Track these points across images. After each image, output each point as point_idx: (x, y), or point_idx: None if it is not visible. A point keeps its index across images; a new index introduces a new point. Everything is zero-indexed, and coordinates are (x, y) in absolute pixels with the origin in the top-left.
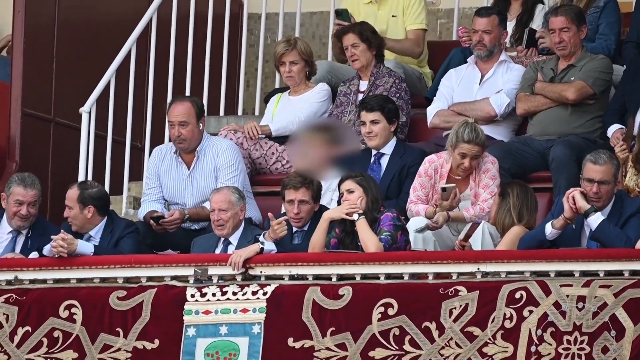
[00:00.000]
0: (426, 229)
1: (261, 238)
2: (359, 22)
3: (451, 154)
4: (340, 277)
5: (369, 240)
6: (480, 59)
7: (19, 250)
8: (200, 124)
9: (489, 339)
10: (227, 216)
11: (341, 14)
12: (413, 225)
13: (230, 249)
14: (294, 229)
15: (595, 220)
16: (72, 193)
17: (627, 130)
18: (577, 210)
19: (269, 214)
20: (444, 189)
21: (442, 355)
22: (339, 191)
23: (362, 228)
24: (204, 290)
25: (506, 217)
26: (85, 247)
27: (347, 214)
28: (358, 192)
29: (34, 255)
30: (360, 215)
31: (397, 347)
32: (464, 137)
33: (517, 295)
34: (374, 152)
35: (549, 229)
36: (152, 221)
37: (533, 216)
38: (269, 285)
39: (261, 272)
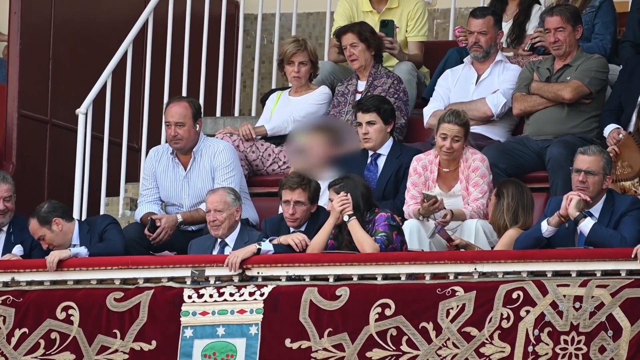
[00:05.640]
0: (436, 233)
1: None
2: (358, 22)
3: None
4: (338, 278)
5: (363, 240)
6: (476, 60)
7: (1, 247)
8: (197, 125)
9: (486, 339)
10: (222, 217)
11: (387, 25)
12: (408, 226)
13: (227, 250)
14: (291, 230)
15: (586, 225)
16: (34, 223)
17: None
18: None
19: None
20: (426, 196)
21: (439, 355)
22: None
23: (355, 229)
24: (201, 292)
25: (501, 219)
26: (80, 250)
27: (341, 212)
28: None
29: (18, 248)
30: (350, 216)
31: (394, 348)
32: (444, 118)
33: (514, 296)
34: (370, 152)
35: (545, 227)
36: (147, 231)
37: (530, 216)
38: (266, 286)
39: (258, 273)
